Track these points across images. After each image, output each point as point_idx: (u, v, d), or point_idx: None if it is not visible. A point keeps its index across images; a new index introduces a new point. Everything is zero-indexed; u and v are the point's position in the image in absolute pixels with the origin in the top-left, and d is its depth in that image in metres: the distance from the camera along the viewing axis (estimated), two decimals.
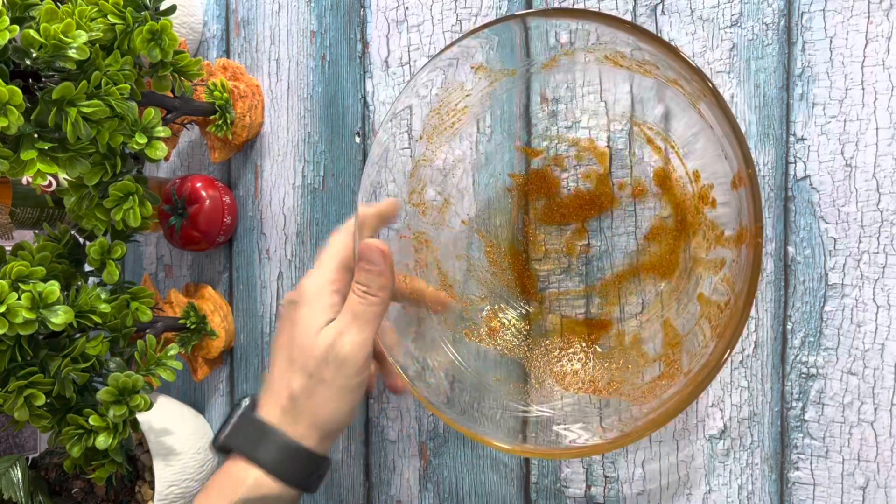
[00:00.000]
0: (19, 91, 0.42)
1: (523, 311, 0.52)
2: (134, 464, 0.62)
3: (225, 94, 0.61)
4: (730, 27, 0.47)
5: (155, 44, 0.49)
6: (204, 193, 0.63)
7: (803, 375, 0.46)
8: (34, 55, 0.43)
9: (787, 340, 0.46)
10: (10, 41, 0.43)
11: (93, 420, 0.51)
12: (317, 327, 0.42)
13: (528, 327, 0.51)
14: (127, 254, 0.77)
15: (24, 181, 0.64)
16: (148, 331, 0.59)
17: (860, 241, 0.45)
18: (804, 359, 0.46)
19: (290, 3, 0.62)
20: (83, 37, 0.44)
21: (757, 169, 0.47)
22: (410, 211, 0.50)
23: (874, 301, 0.45)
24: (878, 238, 0.45)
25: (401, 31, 0.56)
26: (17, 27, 0.42)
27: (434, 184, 0.51)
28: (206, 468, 0.65)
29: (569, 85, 0.49)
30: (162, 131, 0.51)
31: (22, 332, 0.45)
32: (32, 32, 0.42)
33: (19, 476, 0.60)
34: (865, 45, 0.44)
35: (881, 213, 0.44)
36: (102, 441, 0.50)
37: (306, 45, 0.61)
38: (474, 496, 0.55)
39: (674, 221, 0.47)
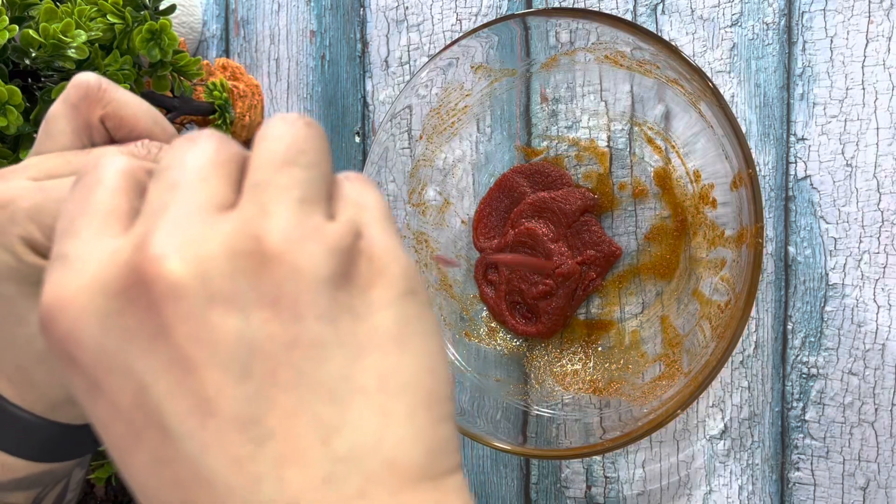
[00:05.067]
0: (18, 91, 0.42)
1: None
2: None
3: (224, 94, 0.61)
4: (730, 27, 0.47)
5: (154, 43, 0.49)
6: None
7: (804, 376, 0.46)
8: (33, 55, 0.43)
9: (788, 341, 0.46)
10: (9, 41, 0.42)
11: None
12: None
13: None
14: None
15: None
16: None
17: (861, 241, 0.45)
18: (805, 359, 0.46)
19: (290, 3, 0.62)
20: (82, 36, 0.44)
21: (757, 169, 0.46)
22: (410, 211, 0.50)
23: (875, 301, 0.45)
24: (878, 238, 0.45)
25: (401, 31, 0.56)
26: (17, 27, 0.42)
27: (434, 184, 0.51)
28: None
29: (569, 84, 0.49)
30: None
31: None
32: (32, 32, 0.42)
33: None
34: (866, 45, 0.44)
35: (882, 213, 0.44)
36: None
37: (306, 45, 0.61)
38: (474, 496, 0.55)
39: (674, 221, 0.47)
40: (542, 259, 0.48)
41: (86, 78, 0.25)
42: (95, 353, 0.17)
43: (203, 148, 0.19)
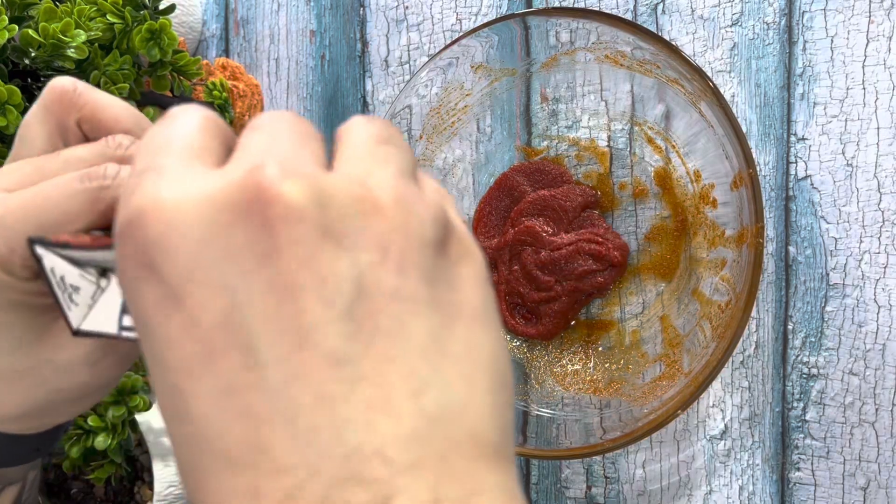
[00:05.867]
0: (18, 91, 0.42)
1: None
2: (133, 464, 0.62)
3: (224, 94, 0.61)
4: (730, 26, 0.47)
5: (154, 43, 0.49)
6: None
7: (804, 376, 0.46)
8: (33, 55, 0.43)
9: (788, 341, 0.46)
10: (8, 40, 0.42)
11: (92, 420, 0.50)
12: None
13: None
14: None
15: None
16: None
17: (861, 241, 0.45)
18: (805, 359, 0.46)
19: (290, 3, 0.62)
20: (82, 36, 0.44)
21: (758, 169, 0.46)
22: None
23: (875, 301, 0.45)
24: (879, 238, 0.44)
25: (401, 31, 0.56)
26: (16, 26, 0.42)
27: None
28: None
29: (569, 84, 0.49)
30: None
31: None
32: (31, 32, 0.42)
33: None
34: (866, 45, 0.44)
35: (882, 212, 0.44)
36: (101, 442, 0.50)
37: (306, 45, 0.61)
38: None
39: (674, 221, 0.47)
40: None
41: (60, 82, 0.24)
42: (187, 263, 0.16)
43: (293, 117, 0.19)
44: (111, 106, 0.24)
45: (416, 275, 0.17)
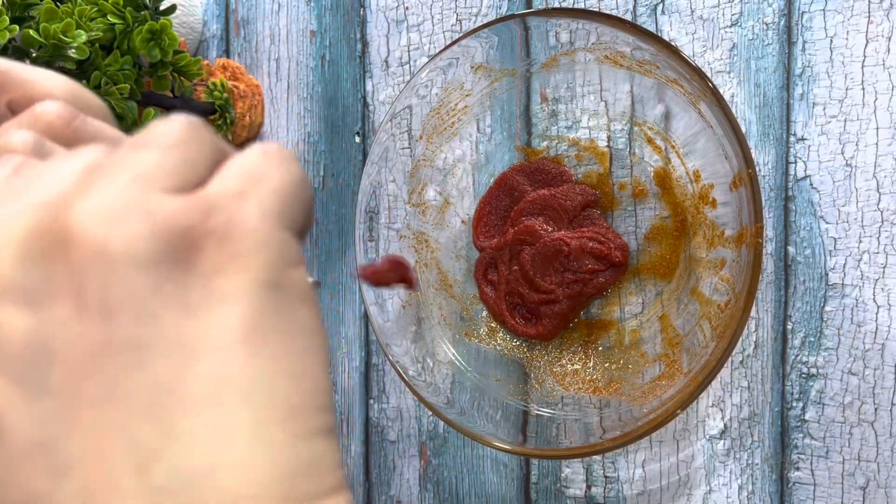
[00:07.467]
0: None
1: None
2: None
3: (225, 94, 0.61)
4: (730, 27, 0.47)
5: (154, 43, 0.49)
6: None
7: (804, 375, 0.46)
8: (34, 55, 0.43)
9: (788, 340, 0.46)
10: (9, 41, 0.43)
11: None
12: None
13: None
14: None
15: None
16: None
17: (860, 241, 0.45)
18: (804, 359, 0.46)
19: (290, 3, 0.62)
20: (83, 36, 0.44)
21: (757, 169, 0.47)
22: (410, 211, 0.50)
23: (874, 301, 0.45)
24: (878, 238, 0.45)
25: (401, 31, 0.56)
26: (17, 27, 0.42)
27: (434, 184, 0.51)
28: None
29: (569, 85, 0.49)
30: None
31: None
32: (32, 32, 0.42)
33: None
34: (866, 45, 0.44)
35: (881, 212, 0.44)
36: None
37: (306, 45, 0.61)
38: (474, 496, 0.55)
39: (674, 221, 0.47)
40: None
41: None
42: None
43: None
44: (43, 81, 0.21)
45: (127, 315, 0.14)
